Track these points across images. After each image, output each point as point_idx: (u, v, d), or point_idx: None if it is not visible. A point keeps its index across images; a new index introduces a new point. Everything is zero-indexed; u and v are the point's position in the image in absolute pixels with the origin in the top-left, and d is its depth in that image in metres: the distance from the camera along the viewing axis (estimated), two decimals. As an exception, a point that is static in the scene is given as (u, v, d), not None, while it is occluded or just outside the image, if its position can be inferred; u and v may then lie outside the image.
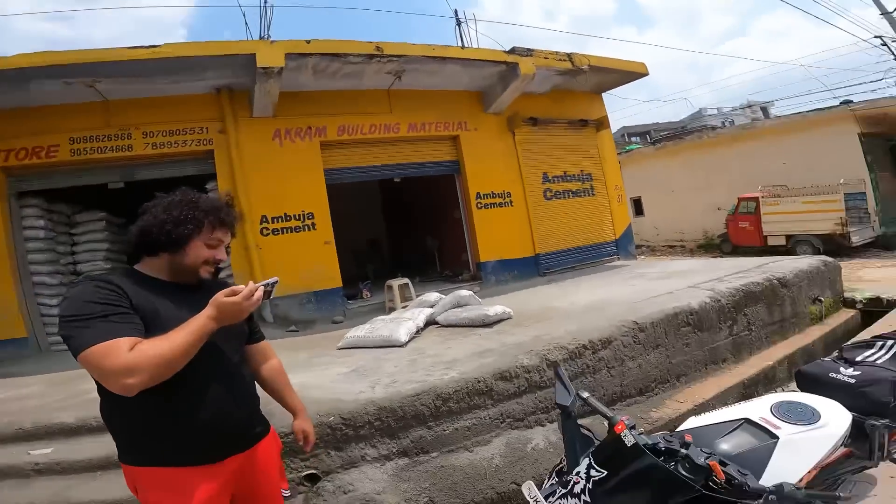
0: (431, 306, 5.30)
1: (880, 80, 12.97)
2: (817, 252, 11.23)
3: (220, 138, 6.36)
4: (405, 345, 4.35)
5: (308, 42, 5.95)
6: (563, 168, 8.76)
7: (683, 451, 1.55)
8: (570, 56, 7.82)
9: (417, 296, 6.03)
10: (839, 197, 11.86)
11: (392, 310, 6.18)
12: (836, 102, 14.34)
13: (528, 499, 1.68)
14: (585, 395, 1.87)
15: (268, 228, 6.44)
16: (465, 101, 7.93)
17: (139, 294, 1.38)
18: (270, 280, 1.49)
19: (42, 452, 2.94)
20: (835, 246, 11.73)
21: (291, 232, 6.56)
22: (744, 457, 1.70)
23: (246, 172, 6.38)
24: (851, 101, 13.84)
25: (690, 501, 1.53)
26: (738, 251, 13.46)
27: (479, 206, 7.85)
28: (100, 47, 5.41)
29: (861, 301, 6.81)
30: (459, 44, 8.05)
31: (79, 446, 2.98)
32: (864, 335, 5.24)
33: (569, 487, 1.64)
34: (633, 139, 31.61)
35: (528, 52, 7.41)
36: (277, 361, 1.87)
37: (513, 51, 7.37)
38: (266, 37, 7.50)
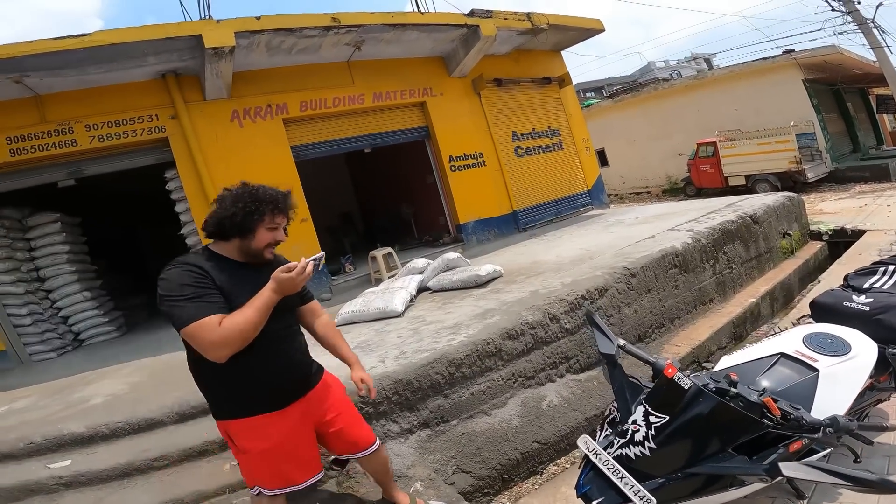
0: (420, 272, 5.22)
1: (819, 29, 13.65)
2: (776, 189, 11.68)
3: (173, 125, 5.97)
4: (403, 314, 4.29)
5: (258, 19, 5.64)
6: (532, 125, 8.75)
7: (734, 389, 1.55)
8: (529, 16, 7.75)
9: (402, 263, 5.93)
10: (791, 137, 12.40)
11: (379, 281, 6.08)
12: (779, 52, 14.92)
13: (586, 452, 1.65)
14: (622, 342, 1.86)
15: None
16: (429, 67, 7.76)
17: (219, 275, 1.68)
18: (317, 255, 1.74)
19: (61, 465, 2.79)
20: (791, 183, 12.24)
21: (265, 214, 6.32)
22: (789, 392, 1.71)
23: (207, 157, 6.02)
24: (793, 51, 14.49)
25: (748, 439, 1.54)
26: (701, 193, 13.87)
27: (453, 168, 7.78)
28: (21, 41, 4.87)
29: (827, 232, 7.11)
30: (416, 9, 7.79)
31: (96, 455, 2.86)
32: (837, 267, 5.51)
33: (628, 436, 1.62)
34: (589, 94, 31.76)
35: (488, 14, 7.28)
36: (328, 317, 2.11)
37: (472, 13, 7.22)
38: (207, 17, 6.96)
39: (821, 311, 2.33)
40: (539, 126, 8.85)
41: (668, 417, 1.55)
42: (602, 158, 18.93)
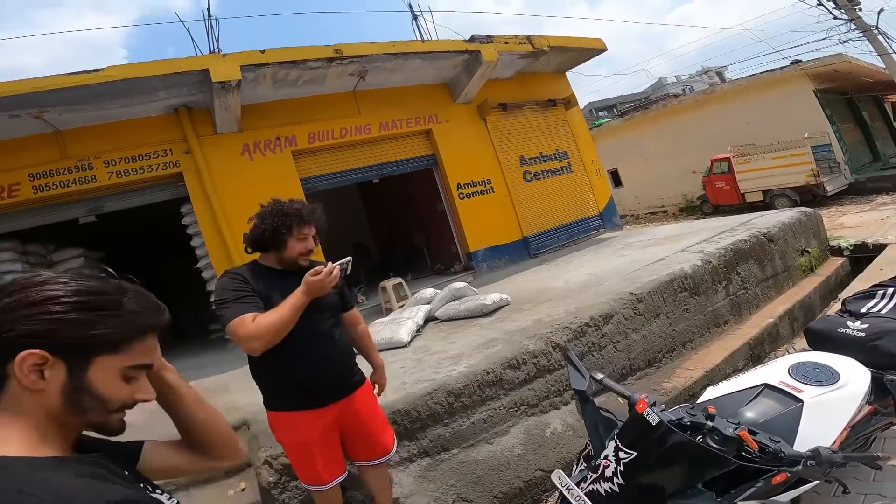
0: (428, 302, 5.22)
1: (823, 38, 13.57)
2: (795, 204, 11.47)
3: (186, 159, 6.09)
4: (408, 344, 4.29)
5: (263, 52, 5.79)
6: (539, 149, 8.73)
7: (710, 423, 1.54)
8: (529, 39, 7.79)
9: (412, 293, 5.94)
10: (806, 150, 12.19)
11: (389, 311, 6.09)
12: (786, 63, 14.77)
13: (559, 487, 1.66)
14: (600, 376, 1.88)
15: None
16: (434, 94, 7.84)
17: (258, 281, 1.93)
18: (343, 260, 1.94)
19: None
20: (811, 196, 12.01)
21: (274, 247, 6.39)
22: (771, 423, 1.68)
23: (219, 192, 6.11)
24: (801, 61, 14.30)
25: (724, 473, 1.52)
26: (719, 210, 13.67)
27: (461, 196, 7.77)
28: (40, 76, 5.07)
29: (847, 248, 6.89)
30: (418, 37, 7.93)
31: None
32: (857, 283, 5.33)
33: (599, 472, 1.62)
34: (601, 113, 31.84)
35: (489, 39, 7.34)
36: (364, 327, 2.31)
37: (473, 39, 7.30)
38: (216, 51, 7.08)
39: (815, 338, 2.26)
40: (546, 149, 8.83)
41: (635, 453, 1.55)
42: (616, 179, 18.83)
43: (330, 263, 1.85)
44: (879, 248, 6.64)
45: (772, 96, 14.35)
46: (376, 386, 2.23)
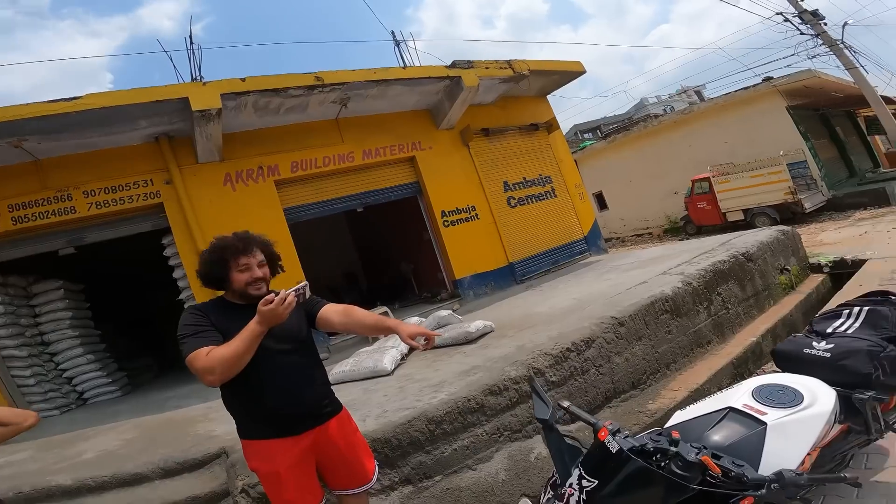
0: (412, 331, 5.20)
1: (792, 54, 13.86)
2: (775, 222, 11.66)
3: (168, 190, 6.01)
4: (392, 373, 4.27)
5: (244, 80, 5.76)
6: (522, 174, 8.80)
7: (673, 448, 1.54)
8: (510, 63, 7.88)
9: (397, 322, 5.90)
10: (782, 168, 12.41)
11: (375, 339, 6.04)
12: (759, 80, 15.04)
13: None
14: (566, 404, 1.86)
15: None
16: (416, 121, 7.88)
17: (218, 315, 1.95)
18: (300, 285, 1.90)
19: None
20: (790, 214, 12.22)
21: (258, 279, 6.32)
22: (736, 447, 1.69)
23: (201, 223, 6.02)
24: (772, 78, 14.56)
25: (691, 498, 1.51)
26: (702, 231, 13.83)
27: (446, 223, 7.77)
28: (21, 102, 4.99)
29: (827, 265, 6.99)
30: (401, 64, 7.93)
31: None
32: (838, 298, 5.39)
33: (564, 500, 1.62)
34: (586, 136, 32.40)
35: (469, 65, 7.42)
36: (347, 307, 2.27)
37: (454, 65, 7.36)
38: (198, 79, 6.86)
39: (782, 359, 2.29)
40: (530, 174, 8.90)
41: (597, 481, 1.55)
42: (600, 201, 19.05)
43: (283, 291, 1.81)
44: (859, 264, 6.74)
45: (747, 114, 14.63)
46: (420, 341, 2.02)
